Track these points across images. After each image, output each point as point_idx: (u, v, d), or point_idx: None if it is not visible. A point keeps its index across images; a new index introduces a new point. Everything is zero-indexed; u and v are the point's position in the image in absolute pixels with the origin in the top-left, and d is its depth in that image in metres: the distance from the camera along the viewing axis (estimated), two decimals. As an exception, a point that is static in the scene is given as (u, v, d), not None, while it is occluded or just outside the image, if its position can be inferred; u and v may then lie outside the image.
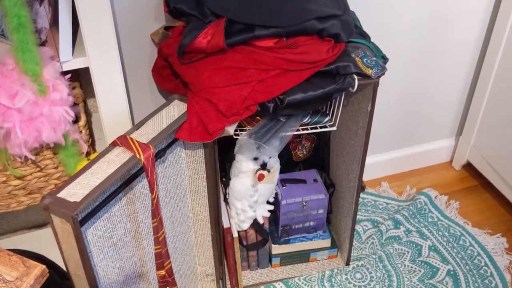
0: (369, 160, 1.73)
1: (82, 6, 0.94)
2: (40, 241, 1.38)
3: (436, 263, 1.50)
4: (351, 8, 1.17)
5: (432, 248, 1.55)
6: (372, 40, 1.19)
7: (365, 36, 1.18)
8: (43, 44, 1.00)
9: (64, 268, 0.99)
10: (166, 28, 1.20)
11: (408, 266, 1.50)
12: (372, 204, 1.72)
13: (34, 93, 0.92)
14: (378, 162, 1.78)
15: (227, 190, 1.32)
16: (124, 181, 0.98)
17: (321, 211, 1.42)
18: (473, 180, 1.82)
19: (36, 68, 0.91)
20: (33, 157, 1.00)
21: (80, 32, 0.99)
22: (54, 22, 0.99)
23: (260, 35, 1.03)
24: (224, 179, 1.34)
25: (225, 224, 1.31)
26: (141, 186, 1.04)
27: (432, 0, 1.47)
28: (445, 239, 1.58)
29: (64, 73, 1.00)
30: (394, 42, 1.51)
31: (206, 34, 1.03)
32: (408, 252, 1.54)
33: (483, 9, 1.55)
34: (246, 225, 1.34)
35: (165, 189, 1.12)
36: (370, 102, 1.15)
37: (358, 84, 1.07)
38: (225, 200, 1.34)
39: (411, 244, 1.56)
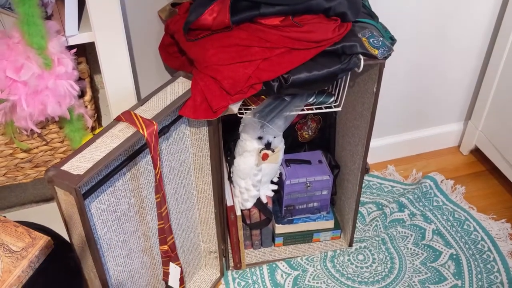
0: (376, 143, 1.74)
1: (88, -20, 0.95)
2: (47, 214, 1.41)
3: (439, 246, 1.51)
4: (360, -13, 1.15)
5: (436, 232, 1.55)
6: (381, 20, 1.18)
7: (373, 16, 1.17)
8: (49, 18, 1.00)
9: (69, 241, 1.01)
10: (173, 4, 1.20)
11: (411, 249, 1.50)
12: (378, 186, 1.72)
13: (39, 66, 0.93)
14: (385, 145, 1.78)
15: (231, 169, 1.33)
16: (128, 156, 0.99)
17: (325, 192, 1.43)
18: (481, 165, 1.81)
19: (41, 42, 0.91)
20: (38, 130, 1.01)
21: (86, 7, 0.99)
22: (61, -4, 1.00)
23: (266, 12, 1.02)
24: (228, 158, 1.35)
25: (229, 203, 1.32)
26: (145, 162, 1.05)
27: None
28: (449, 223, 1.58)
29: (70, 48, 1.00)
30: (403, 23, 1.49)
31: (212, 11, 1.02)
32: (411, 235, 1.54)
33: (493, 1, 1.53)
34: (249, 204, 1.35)
35: (169, 166, 1.13)
36: (376, 83, 1.14)
37: (364, 65, 1.07)
38: (229, 178, 1.35)
39: (415, 228, 1.56)
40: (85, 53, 1.20)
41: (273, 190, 1.37)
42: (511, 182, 1.65)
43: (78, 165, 0.89)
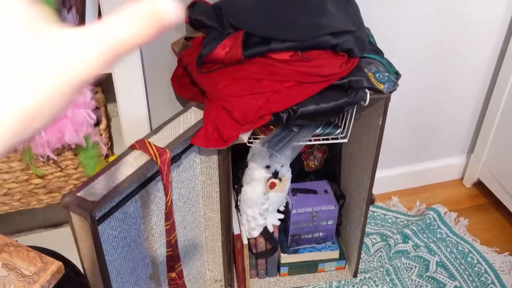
0: (380, 174, 1.76)
1: (108, 15, 0.99)
2: (56, 239, 1.43)
3: (443, 279, 1.51)
4: (366, 25, 1.20)
5: (440, 264, 1.56)
6: (385, 55, 1.22)
7: (378, 52, 1.21)
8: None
9: (79, 266, 1.02)
10: (187, 38, 1.25)
11: (415, 280, 1.51)
12: (382, 217, 1.74)
13: (59, 96, 0.96)
14: (389, 177, 1.80)
15: (238, 197, 1.35)
16: (140, 184, 1.02)
17: (330, 222, 1.45)
18: (483, 198, 1.83)
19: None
20: (55, 157, 1.04)
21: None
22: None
23: (276, 48, 1.07)
24: (236, 186, 1.37)
25: (236, 231, 1.34)
26: (156, 189, 1.07)
27: (445, 17, 1.50)
28: (453, 255, 1.59)
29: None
30: (408, 58, 1.53)
31: (225, 46, 1.07)
32: (415, 266, 1.55)
33: (497, 28, 1.58)
34: (256, 233, 1.36)
35: (178, 193, 1.16)
36: (381, 116, 1.17)
37: (370, 99, 1.10)
38: (237, 207, 1.37)
39: (419, 259, 1.57)
40: (101, 83, 1.24)
41: (279, 219, 1.39)
42: (514, 215, 1.68)
43: (94, 192, 0.91)
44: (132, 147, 1.02)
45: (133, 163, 0.99)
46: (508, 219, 1.72)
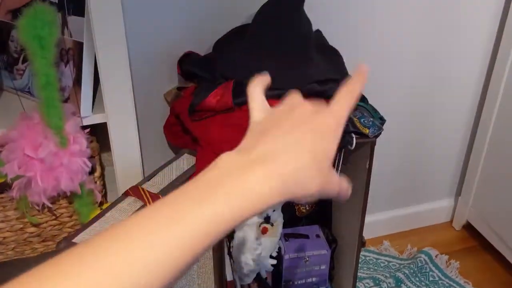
0: (370, 218, 1.78)
1: (104, 68, 1.04)
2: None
3: (437, 322, 1.51)
4: (350, 73, 1.26)
5: (434, 307, 1.56)
6: (370, 102, 1.28)
7: (362, 98, 1.26)
8: (65, 100, 1.09)
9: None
10: (179, 88, 1.30)
11: (409, 324, 1.51)
12: (374, 262, 1.74)
13: (56, 144, 1.00)
14: (379, 221, 1.82)
15: (231, 243, 1.36)
16: (134, 230, 1.04)
17: (323, 266, 1.45)
18: (473, 240, 1.84)
19: (59, 122, 0.99)
20: (51, 205, 1.06)
21: (99, 90, 1.09)
22: (77, 81, 1.09)
23: (265, 95, 1.12)
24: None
25: (229, 278, 1.34)
26: (150, 235, 1.09)
27: (426, 61, 1.57)
28: (446, 298, 1.59)
29: (84, 128, 1.08)
30: (391, 104, 1.59)
31: (216, 94, 1.11)
32: (409, 310, 1.55)
33: (475, 77, 1.65)
34: (249, 279, 1.36)
35: (172, 239, 1.17)
36: (368, 159, 1.21)
37: (356, 143, 1.14)
38: (229, 253, 1.38)
39: (413, 303, 1.57)
40: (96, 133, 1.28)
41: (272, 265, 1.40)
42: (504, 257, 1.69)
43: (89, 238, 0.93)
44: (126, 194, 1.05)
45: (127, 209, 1.01)
46: (498, 261, 1.74)
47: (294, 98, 0.54)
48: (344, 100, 0.52)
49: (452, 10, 1.51)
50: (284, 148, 0.46)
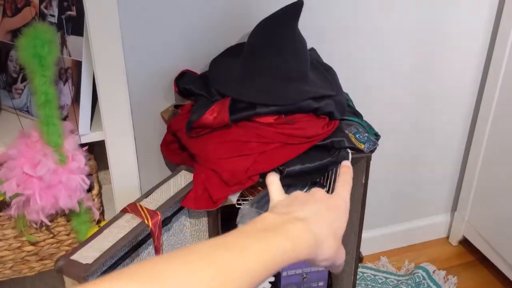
0: (367, 234, 1.79)
1: (103, 87, 1.06)
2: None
3: (436, 338, 1.51)
4: (344, 89, 1.28)
5: (432, 322, 1.56)
6: (365, 118, 1.30)
7: (357, 115, 1.28)
8: (64, 118, 1.10)
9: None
10: (176, 106, 1.31)
11: None
12: (372, 278, 1.74)
13: (55, 162, 1.00)
14: (376, 237, 1.83)
15: (229, 260, 1.36)
16: (131, 247, 1.04)
17: (321, 283, 1.45)
18: (470, 255, 1.85)
19: (58, 140, 1.00)
20: (49, 223, 1.06)
21: (97, 108, 1.10)
22: (76, 99, 1.10)
23: (261, 112, 1.13)
24: (226, 250, 1.38)
25: (227, 295, 1.33)
26: (147, 253, 1.09)
27: (420, 78, 1.59)
28: (444, 313, 1.59)
29: (82, 145, 1.09)
30: (386, 121, 1.61)
31: (213, 111, 1.13)
32: (408, 326, 1.54)
33: (468, 94, 1.68)
34: (247, 296, 1.36)
35: (170, 256, 1.17)
36: (364, 174, 1.23)
37: (352, 158, 1.16)
38: (227, 270, 1.38)
39: (411, 319, 1.57)
40: (93, 151, 1.28)
41: (270, 282, 1.40)
42: (502, 272, 1.69)
43: (87, 255, 0.93)
44: (124, 211, 1.05)
45: (125, 225, 1.01)
46: (495, 276, 1.74)
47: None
48: (348, 185, 0.67)
49: (445, 23, 1.54)
50: (312, 215, 0.56)
